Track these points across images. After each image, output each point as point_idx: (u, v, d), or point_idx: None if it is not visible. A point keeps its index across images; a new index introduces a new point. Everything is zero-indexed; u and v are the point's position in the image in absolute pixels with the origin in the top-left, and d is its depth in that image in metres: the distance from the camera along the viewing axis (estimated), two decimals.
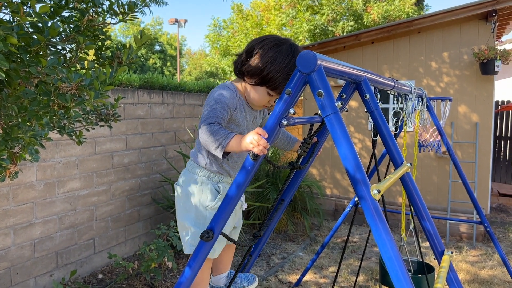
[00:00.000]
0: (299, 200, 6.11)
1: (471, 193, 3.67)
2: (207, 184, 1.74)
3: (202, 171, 1.76)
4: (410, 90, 2.58)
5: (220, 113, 1.56)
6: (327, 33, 12.15)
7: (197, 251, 1.34)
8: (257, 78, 1.65)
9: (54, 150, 3.89)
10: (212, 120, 1.52)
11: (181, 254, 4.81)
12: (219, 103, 1.59)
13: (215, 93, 1.66)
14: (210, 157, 1.74)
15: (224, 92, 1.65)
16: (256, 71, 1.63)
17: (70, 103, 1.65)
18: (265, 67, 1.60)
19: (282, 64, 1.60)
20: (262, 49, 1.62)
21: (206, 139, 1.48)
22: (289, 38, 1.70)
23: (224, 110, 1.59)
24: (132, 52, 1.85)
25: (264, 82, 1.65)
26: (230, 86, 1.71)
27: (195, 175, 1.76)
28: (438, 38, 6.10)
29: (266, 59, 1.60)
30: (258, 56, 1.62)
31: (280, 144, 1.98)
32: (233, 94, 1.67)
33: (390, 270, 1.08)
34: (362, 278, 4.48)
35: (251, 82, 1.68)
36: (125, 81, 4.66)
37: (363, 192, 1.14)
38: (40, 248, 3.82)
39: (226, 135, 1.44)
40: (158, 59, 32.63)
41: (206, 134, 1.48)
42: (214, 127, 1.48)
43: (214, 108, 1.57)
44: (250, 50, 1.66)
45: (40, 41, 1.61)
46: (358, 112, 6.72)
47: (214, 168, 1.75)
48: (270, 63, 1.60)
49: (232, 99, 1.65)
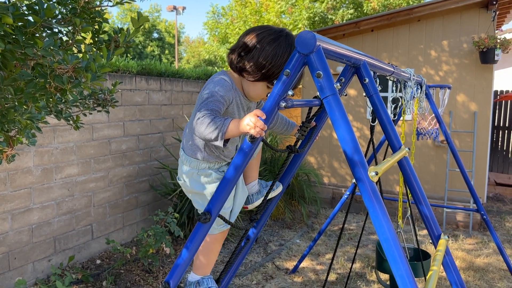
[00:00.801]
0: (296, 188, 6.13)
1: (468, 181, 3.68)
2: (209, 175, 1.73)
3: (201, 163, 1.73)
4: (409, 76, 2.57)
5: (216, 106, 1.54)
6: (326, 21, 12.07)
7: (194, 232, 1.34)
8: (258, 76, 1.61)
9: (51, 135, 3.88)
10: (208, 112, 1.49)
11: (178, 240, 4.83)
12: (214, 96, 1.56)
13: (211, 85, 1.62)
14: (206, 150, 1.71)
15: (220, 86, 1.61)
16: (256, 69, 1.59)
17: (67, 85, 1.63)
18: (265, 64, 1.57)
19: (282, 58, 1.56)
20: (259, 45, 1.57)
21: (203, 132, 1.46)
22: (284, 28, 1.66)
23: (219, 103, 1.56)
24: (129, 35, 1.83)
25: (264, 78, 1.62)
26: (227, 77, 1.67)
27: (194, 169, 1.75)
28: (438, 26, 6.07)
29: (266, 56, 1.56)
30: (256, 53, 1.57)
31: (279, 130, 1.97)
32: (230, 87, 1.64)
33: (387, 251, 1.09)
34: (358, 265, 4.51)
35: (251, 79, 1.64)
36: (123, 67, 4.63)
37: (361, 174, 1.13)
38: (38, 233, 3.83)
39: (223, 122, 1.42)
40: (156, 47, 32.40)
41: (202, 126, 1.45)
42: (208, 118, 1.45)
43: (210, 101, 1.54)
44: (245, 46, 1.61)
45: (36, 22, 1.59)
46: (356, 100, 6.71)
47: (212, 158, 1.73)
48: (270, 58, 1.56)
49: (228, 92, 1.62)
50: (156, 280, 3.95)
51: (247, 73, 1.63)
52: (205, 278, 1.90)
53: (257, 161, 2.00)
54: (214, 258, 1.92)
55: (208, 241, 1.86)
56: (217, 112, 1.52)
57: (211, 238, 1.85)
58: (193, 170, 1.75)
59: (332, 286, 4.01)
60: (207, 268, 1.91)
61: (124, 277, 3.96)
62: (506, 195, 7.66)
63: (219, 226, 1.81)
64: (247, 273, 4.21)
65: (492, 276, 4.27)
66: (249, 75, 1.63)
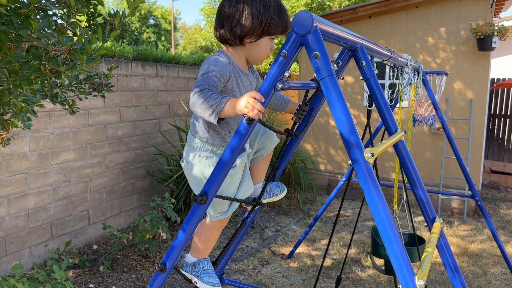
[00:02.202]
0: (293, 175, 6.14)
1: (464, 168, 3.70)
2: (211, 158, 1.72)
3: (205, 146, 1.72)
4: (407, 62, 2.57)
5: (212, 81, 1.51)
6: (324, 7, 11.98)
7: (191, 214, 1.34)
8: (258, 33, 1.60)
9: (47, 121, 3.86)
10: (203, 87, 1.47)
11: (175, 225, 4.85)
12: (211, 71, 1.54)
13: (208, 62, 1.61)
14: (211, 132, 1.69)
15: (216, 63, 1.59)
16: (253, 27, 1.58)
17: (62, 67, 1.62)
18: (260, 18, 1.56)
19: (272, 4, 1.57)
20: (247, 4, 1.56)
21: (198, 107, 1.43)
22: None
23: (217, 78, 1.54)
24: (125, 17, 1.81)
25: (265, 33, 1.61)
26: (223, 55, 1.66)
27: (197, 150, 1.73)
28: (436, 13, 6.04)
29: (258, 10, 1.55)
30: (247, 12, 1.56)
31: (273, 106, 1.96)
32: (227, 62, 1.62)
33: (382, 231, 1.10)
34: (354, 250, 4.55)
35: (253, 40, 1.63)
36: (119, 53, 4.59)
37: (357, 155, 1.14)
38: (34, 219, 3.83)
39: (219, 100, 1.39)
40: (153, 33, 32.15)
41: (198, 101, 1.42)
42: (206, 94, 1.43)
43: (207, 76, 1.52)
44: (231, 14, 1.60)
45: (30, 3, 1.57)
46: (354, 88, 6.70)
47: (216, 141, 1.71)
48: (263, 11, 1.55)
49: (225, 67, 1.60)
50: (153, 265, 3.98)
51: (248, 36, 1.62)
52: (202, 261, 1.90)
53: (266, 163, 1.97)
54: (211, 245, 1.92)
55: (207, 228, 1.86)
56: (213, 87, 1.49)
57: (210, 226, 1.85)
58: (196, 151, 1.74)
59: (328, 271, 4.05)
60: (204, 252, 1.92)
61: (120, 262, 3.99)
62: (501, 182, 7.72)
63: (218, 214, 1.79)
64: (243, 258, 4.24)
65: (486, 261, 4.33)
66: (250, 37, 1.62)
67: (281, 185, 1.98)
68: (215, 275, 1.91)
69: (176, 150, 5.27)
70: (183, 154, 1.82)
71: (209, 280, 1.86)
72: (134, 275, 3.80)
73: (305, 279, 3.89)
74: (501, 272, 4.09)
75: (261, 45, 1.66)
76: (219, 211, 1.78)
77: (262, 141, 1.87)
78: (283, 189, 1.97)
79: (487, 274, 4.05)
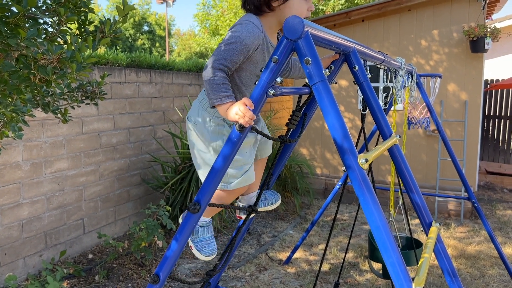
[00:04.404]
0: (289, 179, 6.13)
1: (459, 170, 3.69)
2: (222, 126, 1.67)
3: (216, 112, 1.66)
4: (400, 65, 2.56)
5: (235, 57, 1.48)
6: (317, 11, 12.02)
7: (184, 223, 1.32)
8: None
9: (40, 129, 3.83)
10: (226, 63, 1.45)
11: (171, 233, 4.82)
12: (238, 43, 1.48)
13: (240, 28, 1.53)
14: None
15: (248, 32, 1.52)
16: None
17: (51, 76, 1.60)
18: None
19: None
20: None
21: (206, 84, 1.45)
22: None
23: (241, 52, 1.50)
24: (115, 23, 1.79)
25: None
26: (257, 22, 1.58)
27: (208, 114, 1.68)
28: (429, 16, 6.06)
29: None
30: None
31: (295, 75, 1.93)
32: (259, 33, 1.56)
33: (378, 238, 1.08)
34: (351, 255, 4.53)
35: (281, 1, 1.58)
36: (112, 60, 4.57)
37: (351, 162, 1.12)
38: (28, 229, 3.79)
39: (221, 98, 1.40)
40: (147, 40, 32.12)
41: (209, 79, 1.43)
42: (219, 79, 1.42)
43: (231, 48, 1.47)
44: None
45: (18, 11, 1.55)
46: (348, 91, 6.70)
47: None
48: None
49: (254, 40, 1.53)
50: (149, 273, 3.94)
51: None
52: (203, 227, 1.84)
53: (260, 171, 1.94)
54: (213, 212, 1.86)
55: (220, 196, 1.79)
56: (233, 63, 1.49)
57: (225, 192, 1.77)
58: (207, 114, 1.68)
59: (326, 276, 4.03)
60: (209, 212, 1.85)
61: (116, 271, 3.94)
62: (497, 183, 7.73)
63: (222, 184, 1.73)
64: (240, 265, 4.21)
65: (483, 263, 4.32)
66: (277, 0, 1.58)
67: (276, 194, 1.96)
68: (212, 241, 1.85)
69: (171, 156, 5.24)
70: (190, 111, 1.76)
71: (204, 249, 1.81)
72: (130, 284, 3.76)
73: (303, 284, 3.86)
74: (499, 274, 4.08)
75: (293, 6, 1.60)
76: (235, 175, 1.72)
77: (260, 142, 1.86)
78: (277, 198, 1.95)
79: (485, 276, 4.04)
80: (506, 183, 7.68)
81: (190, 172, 4.75)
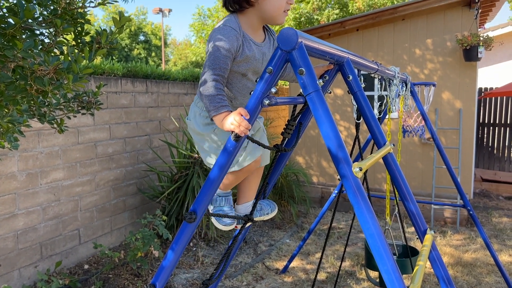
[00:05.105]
0: (286, 188, 6.13)
1: (454, 178, 3.71)
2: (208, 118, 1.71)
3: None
4: (394, 74, 2.59)
5: (223, 63, 1.52)
6: (312, 21, 12.11)
7: (180, 233, 1.32)
8: None
9: (36, 139, 3.82)
10: (216, 72, 1.49)
11: (167, 242, 4.80)
12: (220, 49, 1.52)
13: (216, 32, 1.57)
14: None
15: (224, 33, 1.56)
16: None
17: (48, 87, 1.61)
18: None
19: None
20: None
21: (203, 98, 1.49)
22: None
23: (226, 58, 1.54)
24: (111, 35, 1.80)
25: None
26: (233, 24, 1.60)
27: (198, 109, 1.75)
28: (422, 25, 6.13)
29: None
30: None
31: (289, 77, 1.95)
32: (237, 35, 1.58)
33: (373, 247, 1.09)
34: (348, 263, 4.52)
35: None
36: (108, 70, 4.58)
37: (345, 171, 1.13)
38: (23, 240, 3.76)
39: (217, 108, 1.43)
40: (143, 50, 32.20)
41: (206, 90, 1.47)
42: (214, 91, 1.46)
43: (217, 57, 1.52)
44: None
45: (15, 23, 1.56)
46: (343, 100, 6.74)
47: None
48: None
49: (233, 38, 1.56)
50: (146, 284, 3.91)
51: None
52: (221, 196, 1.84)
53: (256, 180, 1.95)
54: (238, 182, 1.86)
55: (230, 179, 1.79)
56: (224, 70, 1.52)
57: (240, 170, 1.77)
58: (197, 110, 1.76)
59: (322, 285, 4.02)
60: (227, 186, 1.85)
61: (112, 281, 3.92)
62: (492, 190, 7.76)
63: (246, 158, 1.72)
64: (237, 274, 4.19)
65: (480, 271, 4.32)
66: None
67: (272, 204, 1.97)
68: (231, 212, 1.85)
69: (167, 166, 5.24)
70: (189, 111, 1.84)
71: (222, 220, 1.82)
72: None
73: None
74: (495, 281, 4.08)
75: (271, 0, 1.61)
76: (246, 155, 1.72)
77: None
78: (274, 208, 1.96)
79: (481, 283, 4.04)
80: (502, 190, 7.71)
81: (186, 181, 4.75)
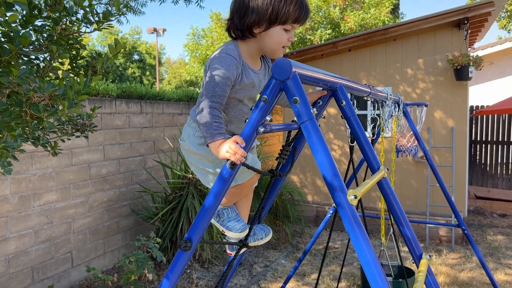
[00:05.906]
0: (280, 207, 6.11)
1: (448, 197, 3.72)
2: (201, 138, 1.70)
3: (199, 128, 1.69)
4: (387, 96, 2.62)
5: (222, 90, 1.51)
6: (305, 41, 12.27)
7: (175, 261, 1.31)
8: (266, 22, 1.56)
9: (29, 162, 3.80)
10: (215, 99, 1.47)
11: (161, 265, 4.74)
12: (218, 77, 1.51)
13: (216, 60, 1.56)
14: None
15: (224, 61, 1.55)
16: (261, 15, 1.54)
17: (43, 113, 1.61)
18: (267, 6, 1.53)
19: None
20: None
21: (200, 125, 1.47)
22: None
23: (225, 85, 1.52)
24: (107, 61, 1.82)
25: (273, 21, 1.57)
26: (234, 52, 1.60)
27: (192, 129, 1.74)
28: (413, 45, 6.23)
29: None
30: (254, 2, 1.55)
31: (282, 102, 1.95)
32: (237, 63, 1.58)
33: (369, 275, 1.09)
34: (344, 284, 4.49)
35: (262, 29, 1.59)
36: (103, 91, 4.59)
37: (341, 199, 1.14)
38: (15, 263, 3.70)
39: (213, 136, 1.42)
40: (137, 69, 32.36)
41: (202, 118, 1.46)
42: (212, 118, 1.44)
43: (216, 84, 1.50)
44: (241, 4, 1.58)
45: (11, 50, 1.57)
46: (337, 119, 6.79)
47: None
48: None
49: (232, 66, 1.56)
50: None
51: (256, 26, 1.58)
52: (225, 209, 1.84)
53: (247, 203, 1.95)
54: (232, 200, 1.86)
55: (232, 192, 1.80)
56: (223, 97, 1.51)
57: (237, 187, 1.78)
58: (191, 130, 1.74)
59: None
60: (228, 203, 1.86)
61: None
62: (486, 208, 7.78)
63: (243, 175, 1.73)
64: None
65: None
66: (258, 27, 1.58)
67: (266, 228, 1.96)
68: (240, 219, 1.85)
69: (161, 186, 5.22)
70: (182, 132, 1.83)
71: (234, 227, 1.82)
72: None
73: None
74: None
75: (273, 35, 1.60)
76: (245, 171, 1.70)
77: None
78: (268, 232, 1.95)
79: None
80: (496, 207, 7.73)
81: (180, 202, 4.72)
